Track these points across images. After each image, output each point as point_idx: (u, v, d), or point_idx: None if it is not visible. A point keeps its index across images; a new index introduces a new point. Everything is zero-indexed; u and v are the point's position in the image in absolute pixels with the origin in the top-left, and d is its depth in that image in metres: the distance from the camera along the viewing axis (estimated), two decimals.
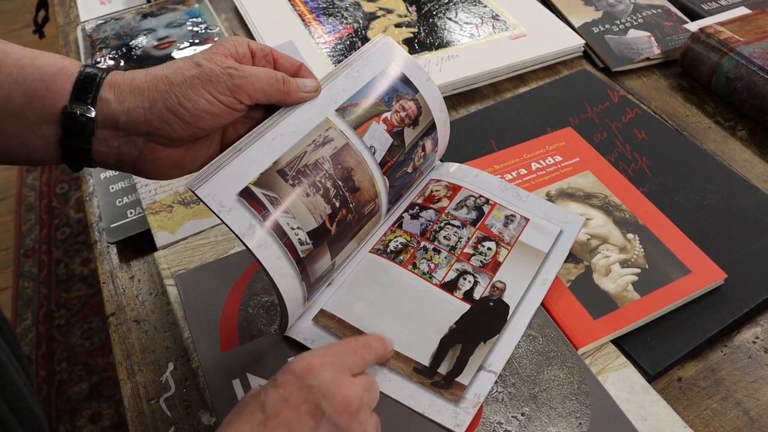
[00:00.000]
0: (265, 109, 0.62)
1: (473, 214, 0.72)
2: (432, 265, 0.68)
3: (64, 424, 1.74)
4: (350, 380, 0.50)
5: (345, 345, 0.54)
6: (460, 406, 0.58)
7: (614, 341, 0.65)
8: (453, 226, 0.71)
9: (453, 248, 0.69)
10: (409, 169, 0.70)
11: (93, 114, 0.54)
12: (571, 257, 0.71)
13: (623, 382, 0.62)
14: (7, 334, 0.58)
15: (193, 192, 0.54)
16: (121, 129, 0.55)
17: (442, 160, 0.79)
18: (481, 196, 0.74)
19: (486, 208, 0.73)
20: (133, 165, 0.58)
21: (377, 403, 0.53)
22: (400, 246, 0.69)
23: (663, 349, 0.65)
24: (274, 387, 0.49)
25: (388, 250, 0.69)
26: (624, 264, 0.70)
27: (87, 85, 0.54)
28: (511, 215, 0.73)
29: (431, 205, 0.73)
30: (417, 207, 0.73)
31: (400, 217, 0.72)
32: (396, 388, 0.59)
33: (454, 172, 0.77)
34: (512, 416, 0.58)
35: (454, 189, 0.75)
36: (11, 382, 0.55)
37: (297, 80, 0.61)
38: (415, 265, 0.68)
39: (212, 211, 0.54)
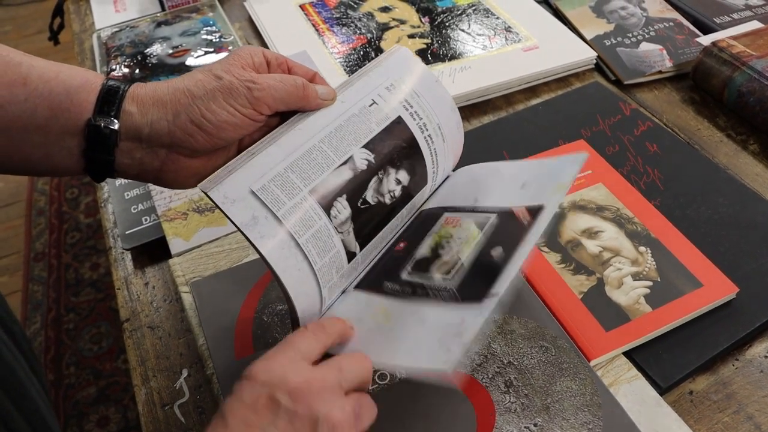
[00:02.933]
0: (281, 116, 0.62)
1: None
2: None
3: (72, 428, 1.75)
4: (304, 367, 0.50)
5: (297, 334, 0.53)
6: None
7: (626, 353, 0.66)
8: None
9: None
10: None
11: (116, 126, 0.55)
12: (584, 269, 0.71)
13: (635, 395, 0.62)
14: (24, 348, 0.58)
15: (206, 194, 0.55)
16: (144, 141, 0.56)
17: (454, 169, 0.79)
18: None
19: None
20: (155, 175, 0.59)
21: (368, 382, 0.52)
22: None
23: (674, 362, 0.65)
24: (230, 395, 0.49)
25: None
26: (636, 277, 0.71)
27: (110, 98, 0.55)
28: None
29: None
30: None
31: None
32: None
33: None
34: (525, 427, 0.59)
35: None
36: (30, 399, 0.55)
37: (316, 87, 0.61)
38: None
39: (219, 208, 0.55)
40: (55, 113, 0.54)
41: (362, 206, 0.60)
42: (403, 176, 0.65)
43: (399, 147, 0.64)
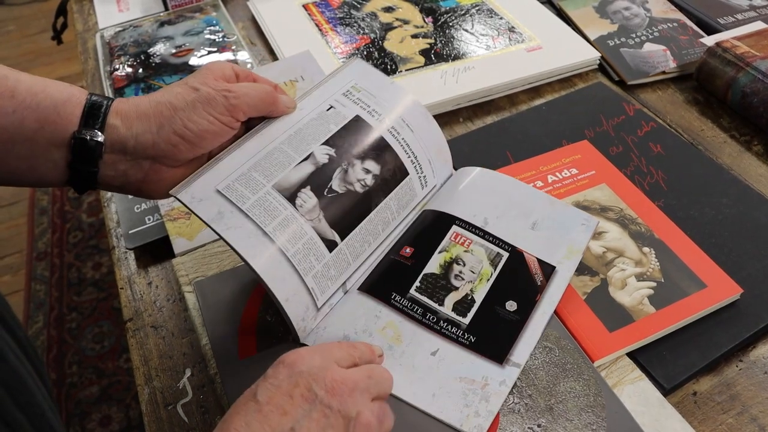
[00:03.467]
0: (246, 127, 0.66)
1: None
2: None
3: (74, 427, 1.75)
4: (339, 368, 0.52)
5: (331, 343, 0.57)
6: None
7: (630, 354, 0.66)
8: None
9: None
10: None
11: (101, 138, 0.57)
12: (588, 270, 0.71)
13: (639, 395, 0.62)
14: (30, 353, 0.58)
15: (176, 197, 0.59)
16: (129, 153, 0.59)
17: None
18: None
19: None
20: (138, 186, 0.62)
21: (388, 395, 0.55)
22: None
23: (678, 363, 0.65)
24: (264, 379, 0.51)
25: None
26: (640, 277, 0.70)
27: (95, 112, 0.58)
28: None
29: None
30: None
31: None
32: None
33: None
34: (528, 427, 0.59)
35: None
36: (36, 405, 0.55)
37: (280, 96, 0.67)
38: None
39: (187, 207, 0.59)
40: (42, 125, 0.56)
41: (329, 195, 0.65)
42: (372, 165, 0.68)
43: (360, 140, 0.69)
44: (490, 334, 0.64)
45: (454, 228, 0.71)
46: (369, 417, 0.50)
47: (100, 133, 0.57)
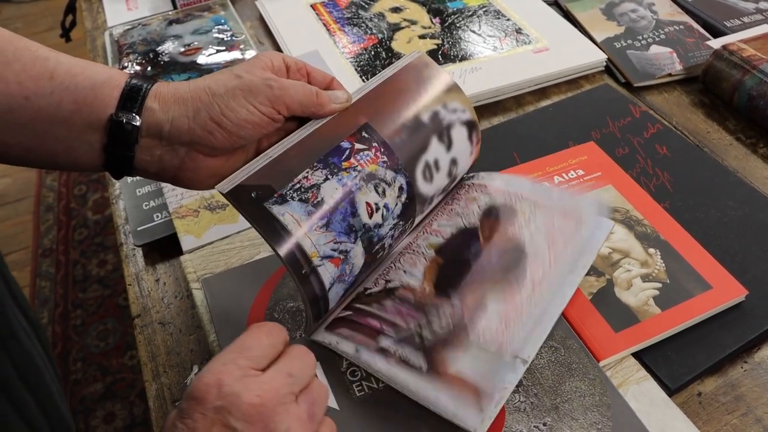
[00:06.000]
0: (298, 121, 0.63)
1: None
2: None
3: (78, 423, 1.76)
4: (256, 381, 0.46)
5: (246, 338, 0.50)
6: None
7: (635, 354, 0.66)
8: None
9: None
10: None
11: (138, 122, 0.56)
12: (593, 270, 0.72)
13: (644, 395, 0.62)
14: (43, 340, 0.59)
15: (223, 194, 0.56)
16: (165, 138, 0.57)
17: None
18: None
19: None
20: (174, 173, 0.60)
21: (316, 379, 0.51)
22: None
23: (683, 364, 0.65)
24: (181, 419, 0.45)
25: None
26: (645, 278, 0.71)
27: (133, 95, 0.56)
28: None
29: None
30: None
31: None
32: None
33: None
34: (534, 426, 0.59)
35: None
36: (45, 385, 0.56)
37: (329, 92, 0.63)
38: None
39: (237, 208, 0.56)
40: (79, 107, 0.55)
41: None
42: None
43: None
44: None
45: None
46: (296, 427, 0.46)
47: (137, 117, 0.56)
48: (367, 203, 0.61)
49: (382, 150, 0.64)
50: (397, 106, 0.67)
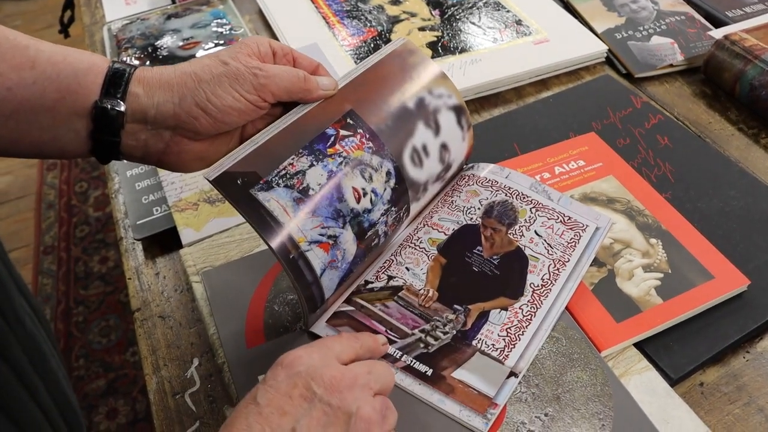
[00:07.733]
0: (284, 106, 0.63)
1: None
2: None
3: None
4: (338, 364, 0.51)
5: (332, 337, 0.56)
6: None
7: (637, 345, 0.66)
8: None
9: None
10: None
11: (123, 108, 0.56)
12: (595, 261, 0.71)
13: (645, 386, 0.62)
14: (46, 327, 0.59)
15: (209, 181, 0.56)
16: (150, 122, 0.58)
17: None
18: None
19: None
20: (159, 158, 0.60)
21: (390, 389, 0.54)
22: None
23: (685, 354, 0.65)
24: (263, 383, 0.50)
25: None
26: (647, 268, 0.70)
27: (117, 80, 0.56)
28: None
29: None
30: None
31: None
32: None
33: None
34: (536, 416, 0.59)
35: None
36: (51, 371, 0.56)
37: (317, 78, 0.63)
38: None
39: (224, 195, 0.56)
40: (63, 95, 0.55)
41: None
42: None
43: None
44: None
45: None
46: (370, 412, 0.49)
47: (122, 102, 0.56)
48: (354, 188, 0.61)
49: (368, 136, 0.64)
50: (382, 92, 0.67)
